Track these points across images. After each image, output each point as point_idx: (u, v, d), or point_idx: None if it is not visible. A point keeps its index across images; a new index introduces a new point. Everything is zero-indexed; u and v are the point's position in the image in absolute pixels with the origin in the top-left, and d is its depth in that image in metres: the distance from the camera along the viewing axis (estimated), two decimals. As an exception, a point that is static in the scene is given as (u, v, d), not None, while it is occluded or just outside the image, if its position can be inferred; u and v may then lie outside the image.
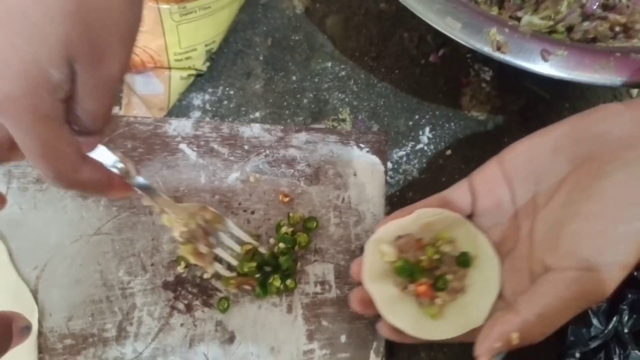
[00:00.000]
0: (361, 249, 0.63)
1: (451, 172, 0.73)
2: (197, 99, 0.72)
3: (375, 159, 0.65)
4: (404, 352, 0.65)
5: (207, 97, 0.73)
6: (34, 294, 0.58)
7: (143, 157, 0.63)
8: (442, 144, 0.74)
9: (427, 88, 0.76)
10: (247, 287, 0.59)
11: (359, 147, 0.66)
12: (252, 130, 0.66)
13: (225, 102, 0.73)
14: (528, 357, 0.52)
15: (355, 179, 0.65)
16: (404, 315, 0.51)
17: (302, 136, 0.66)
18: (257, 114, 0.72)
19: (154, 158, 0.63)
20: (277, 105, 0.73)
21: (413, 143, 0.73)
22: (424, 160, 0.73)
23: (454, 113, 0.76)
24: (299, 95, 0.74)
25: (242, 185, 0.64)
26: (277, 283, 0.58)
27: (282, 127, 0.66)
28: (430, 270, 0.54)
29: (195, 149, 0.64)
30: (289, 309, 0.60)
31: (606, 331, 0.55)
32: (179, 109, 0.72)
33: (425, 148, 0.73)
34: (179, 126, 0.65)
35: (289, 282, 0.59)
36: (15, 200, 0.60)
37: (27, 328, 0.43)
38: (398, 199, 0.70)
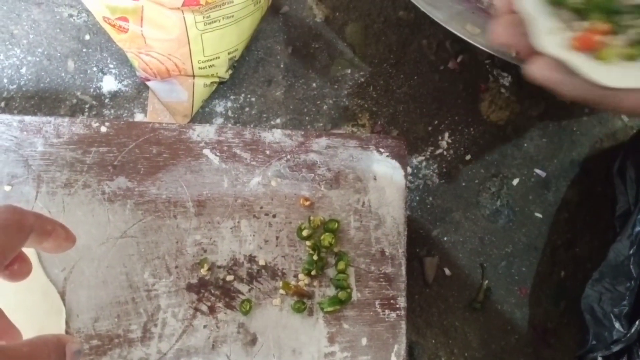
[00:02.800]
0: (382, 253, 0.63)
1: (470, 177, 0.73)
2: (219, 106, 0.74)
3: (395, 163, 0.66)
4: (423, 357, 0.65)
5: (229, 104, 0.74)
6: (62, 295, 0.59)
7: (168, 162, 0.65)
8: (462, 149, 0.74)
9: (446, 94, 0.77)
10: (297, 298, 0.60)
11: (378, 151, 0.66)
12: (274, 136, 0.67)
13: (247, 109, 0.74)
14: (554, 357, 0.52)
15: (375, 183, 0.65)
16: (569, 50, 0.38)
17: (323, 141, 0.67)
18: (278, 120, 0.74)
19: (178, 163, 0.65)
20: (297, 112, 0.74)
21: (432, 148, 0.74)
22: (444, 165, 0.73)
23: (473, 118, 0.76)
24: (319, 102, 0.75)
25: (263, 190, 0.65)
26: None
27: (302, 132, 0.67)
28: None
29: (218, 154, 0.66)
30: (310, 312, 0.60)
31: (629, 335, 0.55)
32: (201, 116, 0.73)
33: (445, 153, 0.74)
34: (203, 132, 0.66)
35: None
36: (45, 204, 0.62)
37: (79, 352, 0.43)
38: (418, 203, 0.71)
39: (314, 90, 0.76)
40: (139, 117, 0.72)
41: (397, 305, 0.62)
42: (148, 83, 0.74)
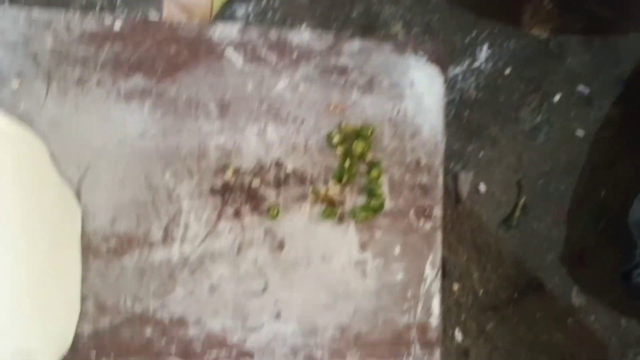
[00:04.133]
0: (417, 162, 0.60)
1: (510, 92, 0.69)
2: (240, 10, 0.69)
3: (434, 69, 0.61)
4: (455, 273, 0.63)
5: (250, 8, 0.69)
6: (77, 195, 0.56)
7: (187, 62, 0.60)
8: (501, 62, 0.70)
9: (486, 3, 0.71)
10: (326, 205, 0.57)
11: (416, 56, 0.62)
12: (302, 37, 0.62)
13: (270, 14, 0.69)
14: (590, 276, 0.49)
15: (413, 89, 0.61)
16: None
17: (355, 44, 0.62)
18: (303, 27, 0.69)
19: (199, 63, 0.60)
20: (324, 18, 0.69)
21: (470, 60, 0.69)
22: (481, 79, 0.69)
23: (514, 31, 0.71)
24: (347, 8, 0.69)
25: (291, 94, 0.60)
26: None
27: (333, 34, 0.62)
28: None
29: (242, 55, 0.61)
30: (341, 219, 0.57)
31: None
32: (221, 21, 0.68)
33: (483, 66, 0.69)
34: (225, 31, 0.61)
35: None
36: (56, 102, 0.58)
37: None
38: (453, 117, 0.67)
39: (343, -5, 0.70)
40: (153, 16, 0.67)
41: (433, 215, 0.59)
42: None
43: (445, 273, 0.62)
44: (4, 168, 0.54)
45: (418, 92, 0.61)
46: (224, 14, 0.69)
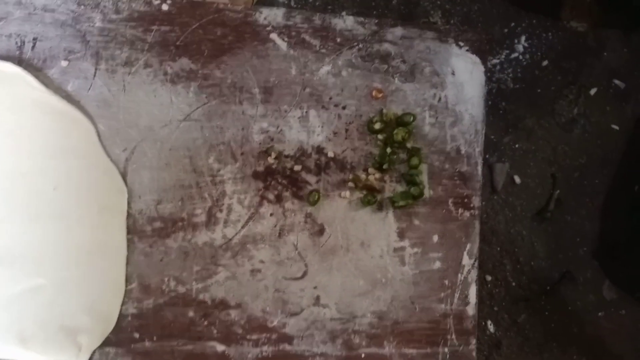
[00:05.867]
0: (457, 151, 0.60)
1: (547, 84, 0.69)
2: (282, -5, 0.69)
3: (475, 58, 0.61)
4: (488, 264, 0.63)
5: (292, -7, 0.69)
6: (123, 175, 0.57)
7: (233, 45, 0.61)
8: (539, 54, 0.69)
9: (525, -5, 0.71)
10: (366, 192, 0.58)
11: (458, 45, 0.62)
12: (345, 23, 0.62)
13: (311, 0, 0.69)
14: (622, 270, 0.49)
15: (454, 78, 0.61)
16: None
17: (398, 31, 0.62)
18: (344, 14, 0.69)
19: (244, 47, 0.61)
20: (364, 5, 0.69)
21: (508, 51, 0.69)
22: (519, 70, 0.69)
23: (552, 23, 0.71)
24: (388, -4, 0.70)
25: (333, 79, 0.61)
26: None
27: (376, 21, 0.62)
28: None
29: (286, 39, 0.61)
30: (380, 206, 0.58)
31: None
32: (264, 5, 0.69)
33: (521, 57, 0.69)
34: (270, 15, 0.62)
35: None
36: (104, 82, 0.59)
37: None
38: (490, 108, 0.67)
39: (383, -17, 0.70)
40: None
41: (472, 205, 0.59)
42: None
43: (482, 261, 0.62)
44: (54, 147, 0.55)
45: (459, 81, 0.61)
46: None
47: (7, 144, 0.54)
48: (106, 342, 0.54)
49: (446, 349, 0.58)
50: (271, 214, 0.57)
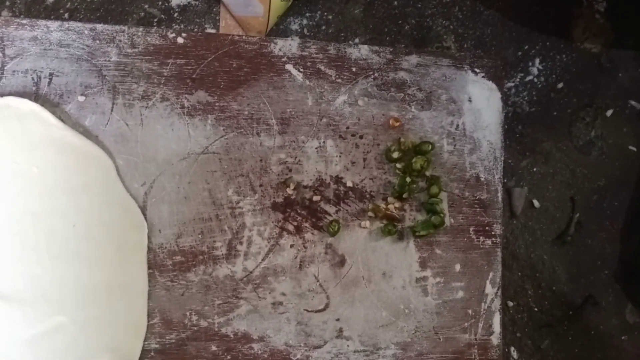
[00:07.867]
0: (477, 178, 0.60)
1: (563, 106, 0.68)
2: (294, 24, 0.69)
3: (491, 85, 0.61)
4: (509, 290, 0.63)
5: (305, 21, 0.69)
6: (143, 210, 0.57)
7: (249, 76, 0.61)
8: (554, 76, 0.69)
9: (537, 17, 0.71)
10: (386, 221, 0.57)
11: (473, 71, 0.62)
12: (360, 52, 0.62)
13: (324, 27, 0.69)
14: None
15: (471, 104, 0.61)
16: None
17: (413, 58, 0.62)
18: (357, 40, 0.69)
19: (260, 78, 0.61)
20: (377, 31, 0.69)
21: (522, 74, 0.69)
22: (534, 93, 0.69)
23: (566, 45, 0.71)
24: (400, 21, 0.70)
25: (350, 109, 0.61)
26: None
27: (391, 49, 0.62)
28: None
29: (301, 69, 0.61)
30: (401, 236, 0.57)
31: None
32: (276, 34, 0.69)
33: (535, 80, 0.69)
34: (285, 46, 0.62)
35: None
36: (121, 116, 0.59)
37: None
38: (507, 132, 0.66)
39: (395, 8, 0.70)
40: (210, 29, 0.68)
41: (493, 232, 0.59)
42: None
43: (505, 288, 0.62)
44: (72, 184, 0.55)
45: (476, 108, 0.61)
46: (279, 27, 0.69)
47: (26, 182, 0.54)
48: (128, 379, 0.54)
49: (471, 379, 0.57)
50: (291, 246, 0.57)
